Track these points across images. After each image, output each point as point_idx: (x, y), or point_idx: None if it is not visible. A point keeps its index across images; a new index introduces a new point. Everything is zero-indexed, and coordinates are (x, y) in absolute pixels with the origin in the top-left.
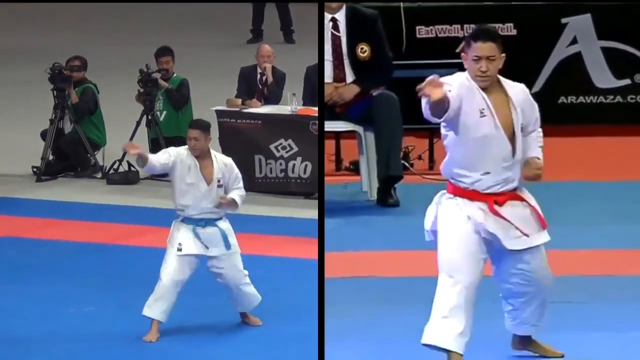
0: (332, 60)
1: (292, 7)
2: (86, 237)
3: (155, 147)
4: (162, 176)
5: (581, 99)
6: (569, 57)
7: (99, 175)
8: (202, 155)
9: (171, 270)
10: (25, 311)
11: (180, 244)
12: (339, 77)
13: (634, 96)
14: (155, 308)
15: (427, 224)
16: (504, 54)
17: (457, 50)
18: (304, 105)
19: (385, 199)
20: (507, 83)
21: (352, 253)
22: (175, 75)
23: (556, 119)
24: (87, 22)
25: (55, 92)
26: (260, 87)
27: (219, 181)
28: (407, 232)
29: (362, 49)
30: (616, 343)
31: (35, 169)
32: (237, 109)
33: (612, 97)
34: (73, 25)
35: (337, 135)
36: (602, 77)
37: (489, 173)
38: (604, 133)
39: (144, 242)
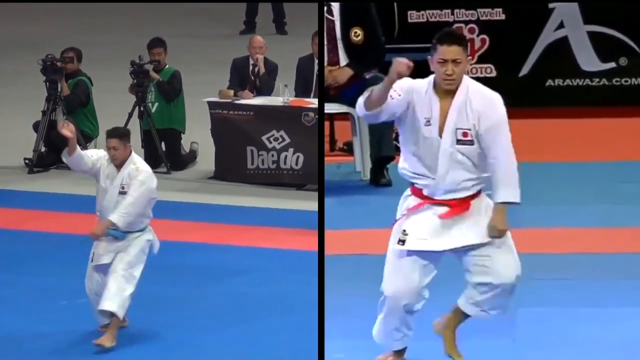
0: (326, 44)
1: None
2: (78, 229)
3: (147, 139)
4: (154, 167)
5: (568, 81)
6: (556, 41)
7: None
8: (121, 165)
9: (86, 280)
10: (17, 303)
11: (92, 253)
12: (333, 60)
13: (619, 79)
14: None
15: (398, 215)
16: (470, 57)
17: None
18: (296, 96)
19: (378, 178)
20: (474, 94)
21: (345, 231)
22: (167, 66)
23: (543, 101)
24: (81, 14)
25: (47, 83)
26: (253, 78)
27: (122, 187)
28: None
29: (355, 33)
30: (600, 319)
31: (27, 161)
32: (229, 100)
33: (597, 80)
34: (67, 17)
35: (331, 117)
36: (588, 60)
37: (434, 179)
38: (590, 115)
39: None
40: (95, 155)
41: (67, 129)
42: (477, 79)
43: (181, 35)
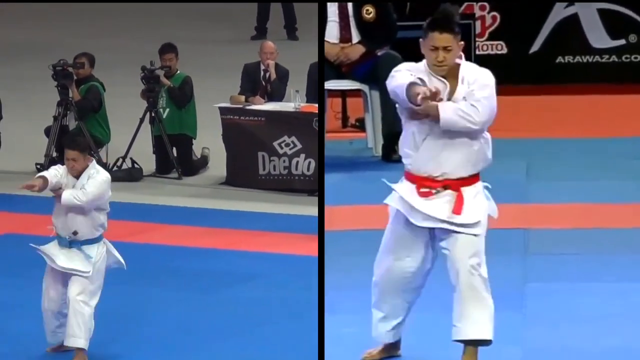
0: (338, 22)
1: (295, 4)
2: None
3: (158, 145)
4: (165, 173)
5: (578, 58)
6: (566, 18)
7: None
8: (79, 175)
9: (43, 296)
10: (26, 307)
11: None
12: (345, 37)
13: (628, 55)
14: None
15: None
16: (462, 42)
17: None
18: (307, 102)
19: (389, 154)
20: (467, 71)
21: (356, 206)
22: (178, 72)
23: (554, 78)
24: (94, 18)
25: (58, 88)
26: (264, 83)
27: (81, 188)
28: None
29: (367, 10)
30: (608, 293)
31: (38, 166)
32: (241, 106)
33: (607, 56)
34: (80, 21)
35: (344, 94)
36: (598, 37)
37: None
38: (600, 91)
39: (147, 239)
40: (60, 170)
41: (31, 188)
42: (488, 56)
43: (192, 40)
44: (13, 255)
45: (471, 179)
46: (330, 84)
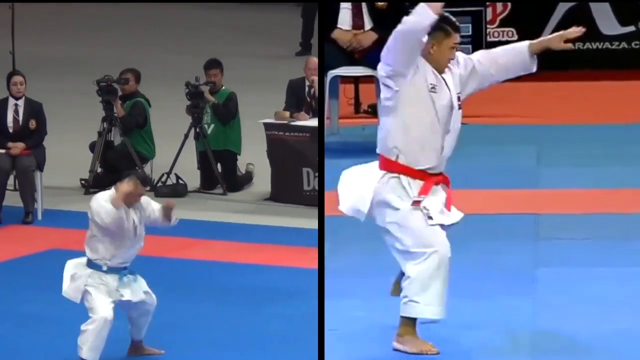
0: (351, 9)
1: None
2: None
3: (203, 160)
4: (210, 189)
5: (588, 45)
6: (577, 5)
7: (148, 188)
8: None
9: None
10: (74, 323)
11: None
12: (358, 24)
13: (638, 42)
14: None
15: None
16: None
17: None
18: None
19: None
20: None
21: None
22: (223, 88)
23: (563, 64)
24: (139, 33)
25: (103, 104)
26: (308, 99)
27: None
28: None
29: None
30: (616, 277)
31: (83, 181)
32: (285, 122)
33: (617, 43)
34: (125, 36)
35: (356, 80)
36: (608, 24)
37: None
38: (610, 78)
39: (191, 255)
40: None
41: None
42: (499, 43)
43: (237, 55)
44: (58, 270)
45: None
46: (342, 71)
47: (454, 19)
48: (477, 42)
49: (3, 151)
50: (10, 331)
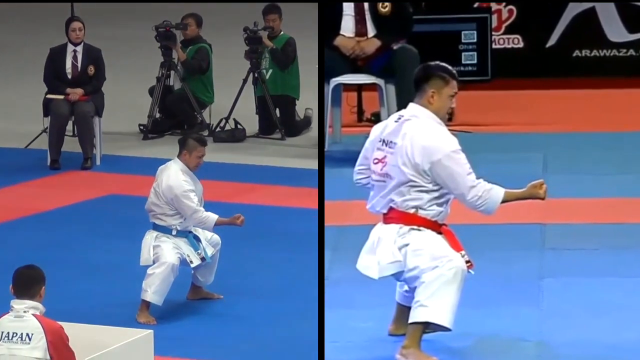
0: (354, 15)
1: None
2: None
3: (261, 105)
4: (268, 134)
5: (595, 52)
6: (584, 12)
7: (206, 133)
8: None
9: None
10: (132, 267)
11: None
12: (361, 31)
13: None
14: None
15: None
16: None
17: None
18: None
19: None
20: None
21: None
22: (282, 33)
23: (571, 71)
24: None
25: (162, 50)
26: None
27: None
28: None
29: (383, 4)
30: (624, 288)
31: (142, 127)
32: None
33: (625, 50)
34: None
35: (359, 88)
36: (616, 31)
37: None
38: (617, 85)
39: (251, 200)
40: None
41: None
42: (505, 50)
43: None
44: (116, 216)
45: None
46: (345, 78)
47: (450, 67)
48: (482, 49)
49: (62, 97)
50: (78, 277)
